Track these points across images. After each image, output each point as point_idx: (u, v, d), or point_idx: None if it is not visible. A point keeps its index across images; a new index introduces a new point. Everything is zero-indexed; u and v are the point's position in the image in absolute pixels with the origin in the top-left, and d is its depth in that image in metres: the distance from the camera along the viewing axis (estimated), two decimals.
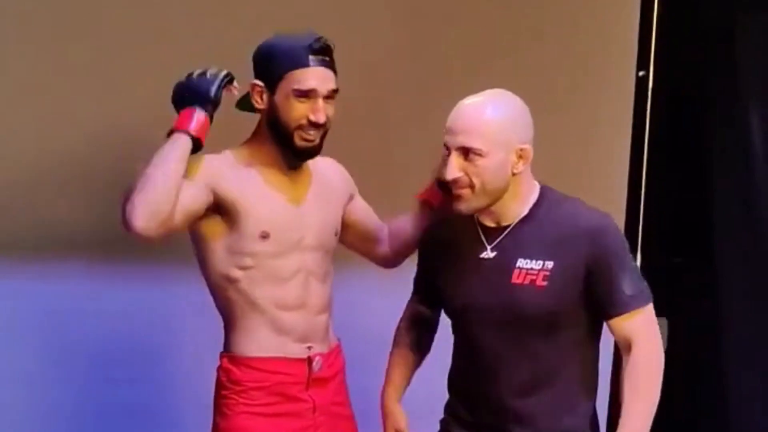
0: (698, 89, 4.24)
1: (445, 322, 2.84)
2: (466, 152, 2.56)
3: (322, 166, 2.94)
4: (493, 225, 2.65)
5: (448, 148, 2.58)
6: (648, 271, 4.26)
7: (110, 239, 3.16)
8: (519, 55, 4.06)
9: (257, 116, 2.84)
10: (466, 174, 2.56)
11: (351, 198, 3.01)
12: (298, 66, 2.72)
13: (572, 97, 4.16)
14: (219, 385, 2.83)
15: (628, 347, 2.61)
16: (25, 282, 3.39)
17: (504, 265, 2.61)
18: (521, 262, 2.59)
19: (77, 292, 3.43)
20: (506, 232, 2.63)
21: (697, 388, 4.33)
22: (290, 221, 2.79)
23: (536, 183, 2.69)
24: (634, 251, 4.27)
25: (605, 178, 4.27)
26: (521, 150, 2.61)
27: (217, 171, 2.71)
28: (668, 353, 4.32)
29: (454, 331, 2.75)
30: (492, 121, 2.58)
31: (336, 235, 2.91)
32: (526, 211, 2.65)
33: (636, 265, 2.66)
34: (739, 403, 4.20)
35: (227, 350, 2.83)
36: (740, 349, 4.18)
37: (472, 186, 2.57)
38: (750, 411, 4.17)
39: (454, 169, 2.56)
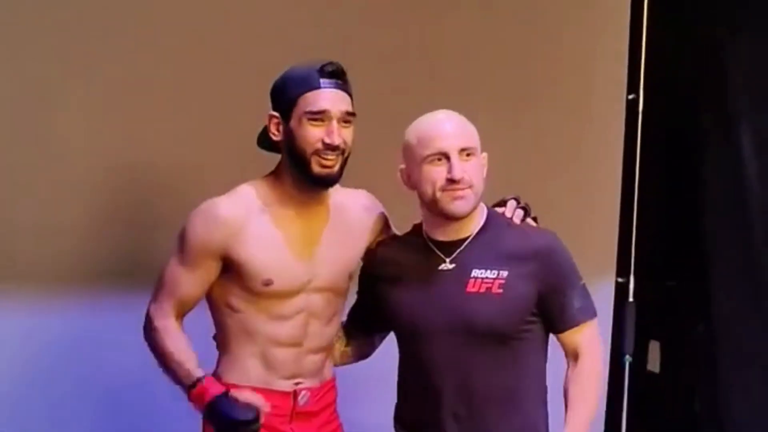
0: (688, 111, 4.23)
1: None
2: (463, 153, 2.65)
3: (347, 201, 2.87)
4: (447, 239, 2.71)
5: (442, 155, 2.64)
6: (641, 294, 4.28)
7: (117, 270, 3.21)
8: (509, 81, 4.08)
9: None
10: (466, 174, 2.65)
11: (380, 233, 2.91)
12: (309, 89, 2.70)
13: (563, 122, 4.18)
14: None
15: (575, 357, 2.73)
16: (37, 314, 3.33)
17: (460, 275, 2.67)
18: (476, 272, 2.67)
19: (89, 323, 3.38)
20: (465, 243, 2.70)
21: (693, 411, 4.31)
22: (296, 267, 2.74)
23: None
24: (627, 275, 4.26)
25: (597, 202, 4.28)
26: (483, 158, 2.73)
27: (230, 233, 2.67)
28: (662, 377, 4.40)
29: (404, 354, 2.77)
30: (471, 124, 2.74)
31: (350, 277, 2.87)
32: (480, 225, 2.72)
33: (583, 282, 2.74)
34: (734, 426, 4.17)
35: (215, 374, 2.80)
36: (734, 371, 4.16)
37: (471, 186, 2.65)
38: None
39: (461, 168, 2.62)
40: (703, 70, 4.18)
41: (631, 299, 4.26)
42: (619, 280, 4.30)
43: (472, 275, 2.66)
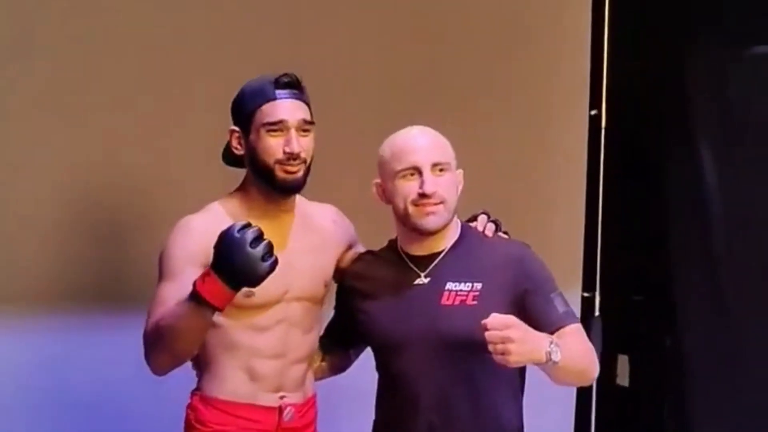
0: (651, 126, 4.27)
1: None
2: (436, 168, 2.67)
3: (316, 212, 2.90)
4: (422, 254, 2.72)
5: (414, 169, 2.65)
6: (607, 309, 4.30)
7: (103, 288, 3.19)
8: (471, 97, 4.09)
9: None
10: (439, 189, 2.66)
11: (349, 248, 2.93)
12: (266, 101, 2.72)
13: (525, 138, 4.20)
14: (187, 424, 2.78)
15: None
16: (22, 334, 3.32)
17: (435, 289, 2.68)
18: (450, 285, 2.67)
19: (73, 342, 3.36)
20: (440, 257, 2.71)
21: (662, 425, 4.33)
22: (275, 276, 2.66)
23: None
24: (592, 290, 4.28)
25: (561, 218, 4.30)
26: (459, 173, 2.75)
27: (208, 245, 2.59)
28: (631, 390, 4.41)
29: (380, 369, 2.77)
30: (445, 140, 2.75)
31: (326, 286, 2.87)
32: (455, 239, 2.74)
33: (561, 292, 2.72)
34: None
35: (199, 389, 2.78)
36: (701, 384, 4.18)
37: (443, 201, 2.66)
38: None
39: (433, 183, 2.64)
40: (664, 84, 4.22)
41: (597, 314, 4.28)
42: (585, 294, 4.32)
43: (446, 288, 2.66)
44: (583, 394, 4.31)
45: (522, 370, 2.74)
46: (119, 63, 3.41)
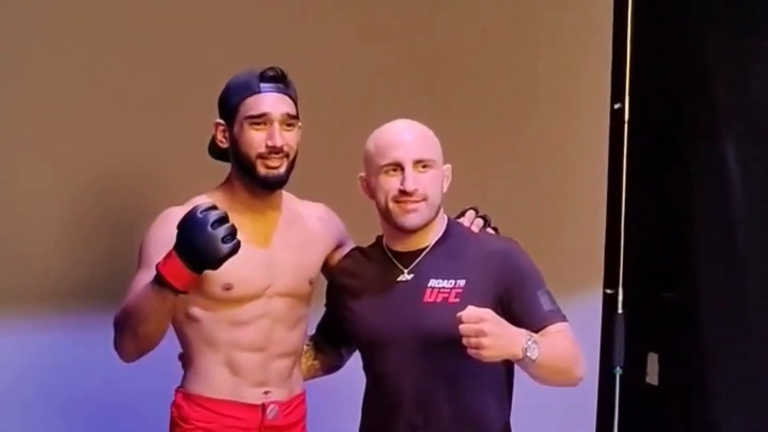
0: (674, 120, 4.20)
1: None
2: (419, 164, 2.62)
3: (304, 210, 2.88)
4: (405, 250, 2.69)
5: (397, 165, 2.61)
6: (632, 306, 4.24)
7: (107, 288, 3.10)
8: (493, 93, 4.06)
9: None
10: (420, 186, 2.62)
11: (338, 246, 2.91)
12: (250, 94, 2.70)
13: (547, 131, 4.16)
14: (171, 422, 2.76)
15: None
16: (29, 333, 3.31)
17: (417, 286, 2.64)
18: (433, 282, 2.63)
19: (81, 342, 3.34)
20: (423, 254, 2.67)
21: (688, 425, 4.26)
22: (256, 270, 2.72)
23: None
24: (615, 286, 4.22)
25: (583, 213, 4.25)
26: (446, 169, 2.70)
27: None
28: (660, 389, 4.35)
29: (365, 367, 2.74)
30: (432, 135, 2.69)
31: (311, 283, 2.84)
32: (439, 235, 2.70)
33: (548, 290, 2.65)
34: None
35: (182, 386, 2.77)
36: (726, 382, 4.11)
37: (425, 198, 2.62)
38: None
39: (414, 179, 2.60)
40: (687, 78, 4.14)
41: (620, 311, 4.21)
42: (608, 291, 4.25)
43: (429, 285, 2.63)
44: (605, 392, 4.25)
45: (510, 371, 2.69)
46: (124, 64, 3.40)
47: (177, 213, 2.60)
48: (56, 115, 3.34)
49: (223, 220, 2.47)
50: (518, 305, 2.59)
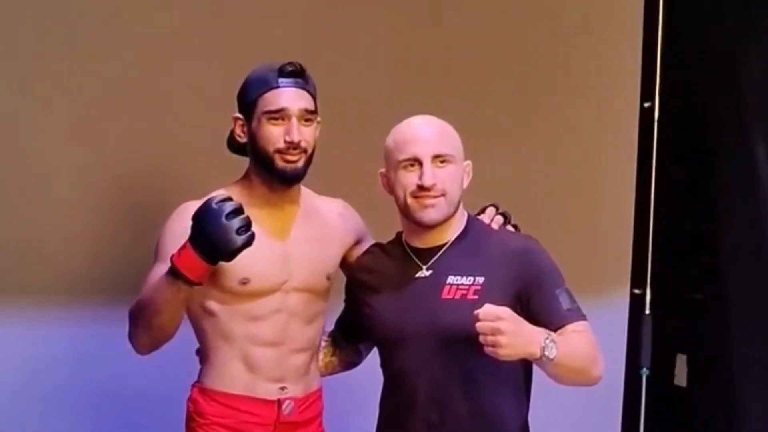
0: (704, 119, 4.15)
1: None
2: (437, 160, 2.61)
3: (322, 206, 2.89)
4: (425, 246, 2.67)
5: (415, 160, 2.60)
6: (660, 307, 4.20)
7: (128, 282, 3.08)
8: (523, 90, 4.04)
9: None
10: (438, 182, 2.61)
11: (357, 242, 2.91)
12: (268, 89, 2.71)
13: (576, 129, 4.14)
14: (187, 416, 2.77)
15: None
16: (46, 326, 3.34)
17: (436, 282, 2.63)
18: (451, 279, 2.61)
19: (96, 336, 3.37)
20: (443, 250, 2.66)
21: (717, 426, 4.22)
22: (273, 265, 2.72)
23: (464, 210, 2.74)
24: (642, 287, 4.19)
25: (610, 212, 4.22)
26: (466, 165, 2.69)
27: None
28: (688, 391, 4.31)
29: (383, 364, 2.73)
30: (452, 130, 2.68)
31: (329, 278, 2.84)
32: (459, 232, 2.68)
33: (567, 288, 2.62)
34: None
35: (199, 381, 2.78)
36: (756, 386, 4.07)
37: (444, 194, 2.61)
38: None
39: (432, 175, 2.59)
40: (717, 77, 4.10)
41: (647, 311, 4.18)
42: (635, 291, 4.22)
43: (447, 282, 2.61)
44: (631, 393, 4.22)
45: (528, 371, 2.67)
46: (144, 61, 3.42)
47: (194, 207, 2.60)
48: (79, 113, 3.36)
49: (238, 211, 2.47)
50: (537, 303, 2.57)
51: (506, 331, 2.36)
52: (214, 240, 2.46)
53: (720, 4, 4.10)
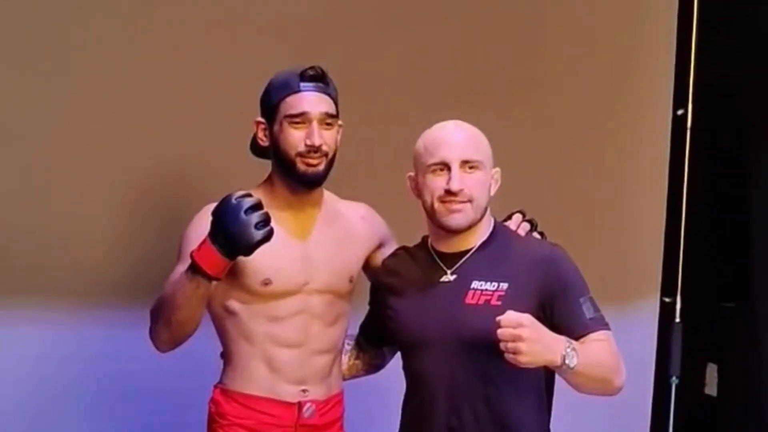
0: (737, 127, 4.14)
1: None
2: (466, 165, 2.61)
3: (345, 209, 2.89)
4: (450, 251, 2.67)
5: (444, 164, 2.60)
6: (691, 315, 4.17)
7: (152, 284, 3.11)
8: (557, 98, 4.02)
9: None
10: (466, 187, 2.60)
11: (380, 246, 2.90)
12: (290, 93, 2.72)
13: (607, 137, 4.11)
14: (209, 417, 2.78)
15: None
16: (67, 327, 3.34)
17: (460, 287, 2.62)
18: (476, 284, 2.60)
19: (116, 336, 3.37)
20: (468, 255, 2.65)
21: None
22: (294, 265, 2.73)
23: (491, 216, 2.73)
24: (673, 295, 4.16)
25: (641, 220, 4.19)
26: (495, 172, 2.68)
27: None
28: (719, 400, 4.28)
29: (405, 368, 2.71)
30: (482, 137, 2.67)
31: (351, 281, 2.84)
32: (485, 237, 2.68)
33: (592, 297, 2.60)
34: None
35: (221, 381, 2.78)
36: None
37: (471, 200, 2.60)
38: None
39: (460, 180, 2.59)
40: (751, 85, 4.08)
41: (678, 320, 4.15)
42: (665, 299, 4.19)
43: (471, 287, 2.60)
44: (660, 402, 4.20)
45: (550, 379, 2.65)
46: (171, 64, 3.43)
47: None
48: (103, 115, 3.36)
49: (257, 207, 2.49)
50: (560, 312, 2.56)
51: (527, 338, 2.36)
52: (233, 235, 2.48)
53: (754, 9, 4.07)
